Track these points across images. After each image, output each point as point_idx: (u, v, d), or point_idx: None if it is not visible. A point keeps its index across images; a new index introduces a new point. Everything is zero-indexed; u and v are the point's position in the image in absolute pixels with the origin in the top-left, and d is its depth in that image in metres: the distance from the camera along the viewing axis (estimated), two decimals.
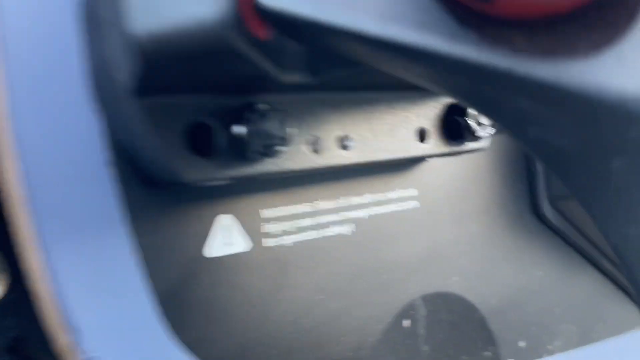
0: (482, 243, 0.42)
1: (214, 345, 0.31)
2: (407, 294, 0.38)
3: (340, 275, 0.35)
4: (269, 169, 0.27)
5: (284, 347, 0.33)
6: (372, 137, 0.31)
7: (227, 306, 0.31)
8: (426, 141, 0.33)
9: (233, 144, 0.26)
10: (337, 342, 0.35)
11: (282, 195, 0.33)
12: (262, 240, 0.32)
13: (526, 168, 0.45)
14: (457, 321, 0.41)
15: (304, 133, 0.29)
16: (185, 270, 0.30)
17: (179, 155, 0.25)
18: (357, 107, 0.31)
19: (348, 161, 0.30)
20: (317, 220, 0.34)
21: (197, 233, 0.30)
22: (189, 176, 0.25)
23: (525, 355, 0.45)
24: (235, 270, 0.31)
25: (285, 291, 0.33)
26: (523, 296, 0.44)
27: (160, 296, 0.29)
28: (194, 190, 0.30)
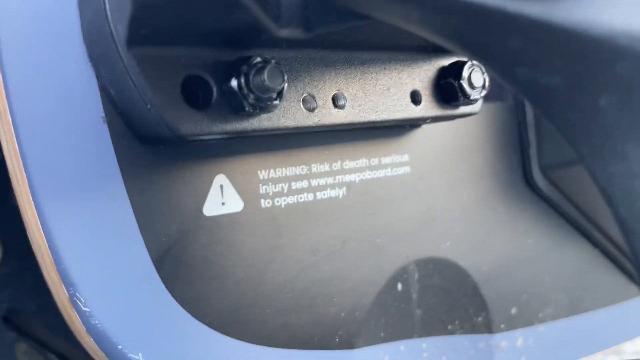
0: (474, 210, 0.42)
1: (209, 304, 0.31)
2: (400, 258, 0.38)
3: (333, 238, 0.35)
4: (264, 125, 0.27)
5: (277, 307, 0.33)
6: (366, 98, 0.31)
7: (222, 266, 0.31)
8: (419, 104, 0.33)
9: (228, 97, 0.26)
10: (330, 302, 0.35)
11: (278, 156, 0.33)
12: (260, 200, 0.33)
13: (518, 137, 0.45)
14: (449, 287, 0.41)
15: (299, 91, 0.29)
16: (183, 228, 0.30)
17: (175, 107, 0.25)
18: (352, 67, 0.31)
19: (342, 120, 0.30)
20: (312, 182, 0.35)
21: (196, 191, 0.31)
22: (185, 129, 0.25)
23: (517, 322, 0.46)
24: (231, 229, 0.32)
25: (280, 252, 0.33)
26: (514, 264, 0.45)
27: (157, 253, 0.29)
28: (193, 149, 0.31)
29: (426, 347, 0.41)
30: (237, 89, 0.25)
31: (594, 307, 0.51)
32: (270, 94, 0.25)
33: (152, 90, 0.24)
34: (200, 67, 0.26)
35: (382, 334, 0.38)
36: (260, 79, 0.25)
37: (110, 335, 0.29)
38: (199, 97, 0.26)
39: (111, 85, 0.27)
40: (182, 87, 0.25)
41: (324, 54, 0.30)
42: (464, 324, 0.43)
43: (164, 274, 0.30)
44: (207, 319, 0.31)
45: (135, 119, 0.27)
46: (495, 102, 0.44)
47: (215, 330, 0.31)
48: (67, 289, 0.28)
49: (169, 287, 0.30)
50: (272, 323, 0.33)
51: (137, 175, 0.29)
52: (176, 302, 0.30)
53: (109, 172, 0.28)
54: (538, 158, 0.45)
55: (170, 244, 0.30)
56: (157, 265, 0.29)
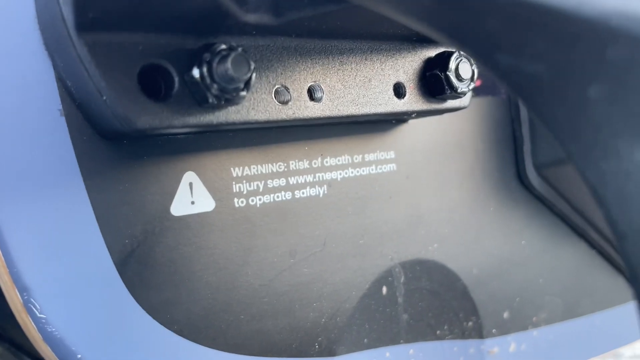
0: (464, 210, 0.40)
1: (177, 310, 0.29)
2: (384, 260, 0.36)
3: (313, 239, 0.33)
4: (231, 118, 0.25)
5: (253, 312, 0.31)
6: (344, 90, 0.29)
7: (192, 268, 0.30)
8: (403, 97, 0.32)
9: (191, 88, 0.24)
10: (310, 307, 0.33)
11: (254, 152, 0.31)
12: (233, 199, 0.31)
13: (511, 133, 0.43)
14: (438, 290, 0.40)
15: (271, 82, 0.27)
16: (149, 229, 0.28)
17: (131, 99, 0.23)
18: (329, 57, 0.29)
19: (319, 114, 0.28)
20: (290, 180, 0.33)
21: (163, 190, 0.29)
22: (142, 122, 0.23)
23: (509, 327, 0.44)
24: (202, 230, 0.30)
25: (254, 254, 0.31)
26: (506, 266, 0.43)
27: (120, 256, 0.27)
28: (159, 145, 0.29)
29: (413, 353, 0.39)
30: (200, 79, 0.23)
31: (591, 310, 0.49)
32: (235, 84, 0.23)
33: (106, 79, 0.22)
34: (161, 55, 0.24)
35: (365, 340, 0.36)
36: (224, 67, 0.23)
37: (69, 344, 0.27)
38: (161, 88, 0.24)
39: (67, 76, 0.25)
40: (140, 77, 0.23)
41: (298, 42, 0.28)
42: (453, 328, 0.41)
43: (127, 278, 0.28)
44: (175, 326, 0.29)
45: (92, 111, 0.25)
46: (486, 97, 0.42)
47: (184, 338, 0.29)
48: (21, 293, 0.26)
49: (133, 292, 0.28)
50: (246, 329, 0.31)
51: (98, 172, 0.27)
52: (141, 308, 0.28)
53: (66, 168, 0.27)
54: (532, 155, 0.43)
55: (134, 245, 0.28)
56: (119, 269, 0.27)
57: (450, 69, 0.31)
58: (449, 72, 0.31)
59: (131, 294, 0.28)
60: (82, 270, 0.27)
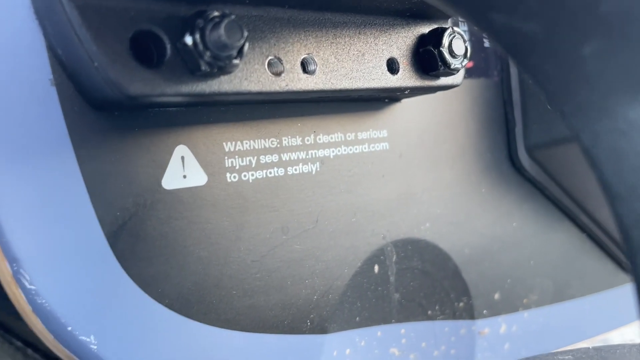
0: (455, 190, 0.40)
1: (168, 284, 0.29)
2: (377, 238, 0.36)
3: (305, 215, 0.33)
4: (224, 88, 0.25)
5: (245, 288, 0.31)
6: (337, 63, 0.29)
7: (184, 243, 0.29)
8: (397, 72, 0.31)
9: (184, 55, 0.24)
10: (302, 284, 0.33)
11: (246, 128, 0.31)
12: (225, 174, 0.31)
13: (503, 115, 0.43)
14: (429, 270, 0.40)
15: (264, 53, 0.27)
16: (141, 201, 0.28)
17: (123, 65, 0.23)
18: (323, 30, 0.29)
19: (312, 87, 0.28)
20: (282, 156, 0.32)
21: (155, 162, 0.28)
22: (134, 89, 0.23)
23: (501, 308, 0.44)
24: (194, 204, 0.30)
25: (247, 230, 0.31)
26: (498, 247, 0.43)
27: (111, 228, 0.27)
28: (151, 117, 0.28)
29: (405, 332, 0.39)
30: (192, 46, 0.23)
31: (581, 294, 0.50)
32: (228, 51, 0.23)
33: (97, 44, 0.22)
34: (153, 21, 0.23)
35: (357, 319, 0.36)
36: (217, 34, 0.23)
37: (59, 316, 0.26)
38: (153, 55, 0.24)
39: (58, 43, 0.25)
40: (132, 43, 0.23)
41: (292, 13, 0.28)
42: (444, 309, 0.41)
43: (118, 251, 0.27)
44: (166, 300, 0.29)
45: (84, 80, 0.25)
46: (478, 78, 0.42)
47: (175, 312, 0.29)
48: (11, 264, 0.26)
49: (124, 265, 0.28)
50: (238, 305, 0.31)
51: (89, 143, 0.27)
52: (132, 281, 0.28)
53: (57, 139, 0.26)
54: (524, 137, 0.43)
55: (126, 218, 0.28)
56: (110, 241, 0.27)
57: (444, 45, 0.31)
58: (443, 48, 0.31)
59: (122, 266, 0.28)
60: (73, 242, 0.27)
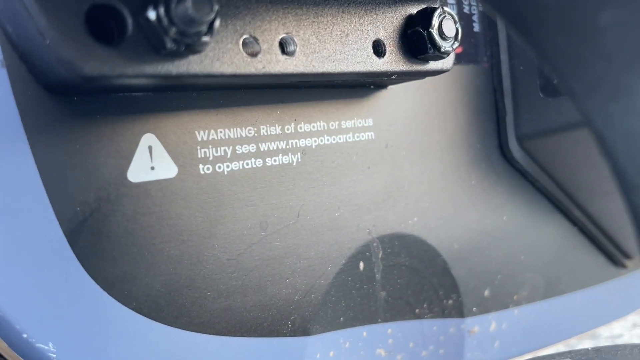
0: (444, 182, 0.38)
1: (135, 285, 0.26)
2: (362, 234, 0.34)
3: (286, 210, 0.31)
4: (193, 69, 0.23)
5: (220, 288, 0.29)
6: (319, 44, 0.27)
7: (152, 240, 0.27)
8: (383, 55, 0.29)
9: (147, 31, 0.21)
10: (282, 283, 0.31)
11: (221, 115, 0.29)
12: (197, 166, 0.28)
13: (494, 104, 0.41)
14: (417, 266, 0.38)
15: (238, 31, 0.24)
16: (104, 195, 0.26)
17: (78, 41, 0.20)
18: (304, 7, 0.26)
19: (291, 69, 0.26)
20: (260, 146, 0.30)
21: (119, 153, 0.26)
22: (91, 68, 0.20)
23: (491, 305, 0.42)
24: (163, 198, 0.27)
25: (222, 226, 0.29)
26: (487, 242, 0.41)
27: (71, 224, 0.25)
28: (115, 103, 0.26)
29: (391, 332, 0.37)
30: (156, 21, 0.20)
31: (571, 289, 0.48)
32: (197, 27, 0.21)
33: (48, 18, 0.20)
34: None
35: (341, 319, 0.34)
36: (184, 7, 0.20)
37: (13, 322, 0.24)
38: (113, 32, 0.22)
39: (6, 19, 0.23)
40: (88, 18, 0.21)
41: None
42: (433, 307, 0.39)
43: (79, 250, 0.25)
44: (133, 303, 0.26)
45: (36, 60, 0.23)
46: (468, 65, 0.40)
47: (143, 316, 0.27)
48: None
49: (86, 265, 0.25)
50: (212, 307, 0.29)
51: (45, 131, 0.24)
52: (95, 283, 0.25)
53: (8, 125, 0.24)
54: (514, 127, 0.41)
55: (87, 214, 0.25)
56: (70, 239, 0.25)
57: (434, 26, 0.29)
58: (432, 29, 0.29)
59: (83, 266, 0.25)
60: (28, 240, 0.24)
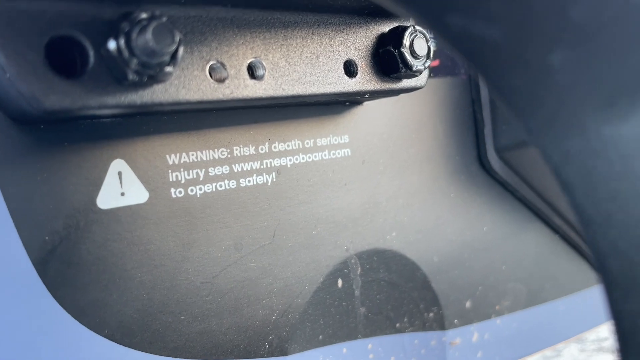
0: (423, 196, 0.38)
1: (107, 311, 0.26)
2: (339, 251, 0.34)
3: (261, 230, 0.31)
4: (157, 98, 0.23)
5: (194, 312, 0.29)
6: (288, 67, 0.27)
7: (124, 266, 0.27)
8: (355, 75, 0.29)
9: (108, 62, 0.21)
10: (259, 304, 0.31)
11: (192, 138, 0.29)
12: (169, 190, 0.28)
13: (472, 115, 0.41)
14: (396, 281, 0.38)
15: (204, 57, 0.24)
16: (73, 223, 0.25)
17: (38, 75, 0.20)
18: (272, 31, 0.26)
19: (260, 93, 0.26)
20: (234, 167, 0.30)
21: (87, 180, 0.26)
22: (52, 102, 0.20)
23: (472, 316, 0.42)
24: (134, 224, 0.27)
25: (195, 249, 0.29)
26: (468, 254, 0.41)
27: (39, 254, 0.24)
28: (82, 130, 0.26)
29: (372, 347, 0.37)
30: (117, 53, 0.20)
31: (554, 296, 0.48)
32: (158, 58, 0.20)
33: (6, 54, 0.19)
34: (72, 25, 0.21)
35: (320, 337, 0.34)
36: (144, 39, 0.20)
37: None
38: (76, 64, 0.21)
39: None
40: (49, 51, 0.20)
41: (236, 13, 0.25)
42: (413, 320, 0.39)
43: (48, 278, 0.25)
44: (105, 330, 0.26)
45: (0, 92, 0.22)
46: (445, 77, 0.40)
47: (116, 343, 0.27)
48: None
49: (56, 294, 0.25)
50: (187, 331, 0.29)
51: (10, 161, 0.24)
52: (65, 312, 0.25)
53: None
54: (493, 138, 0.41)
55: (56, 242, 0.25)
56: (39, 268, 0.25)
57: (405, 45, 0.29)
58: (403, 48, 0.29)
59: (53, 296, 0.25)
60: None
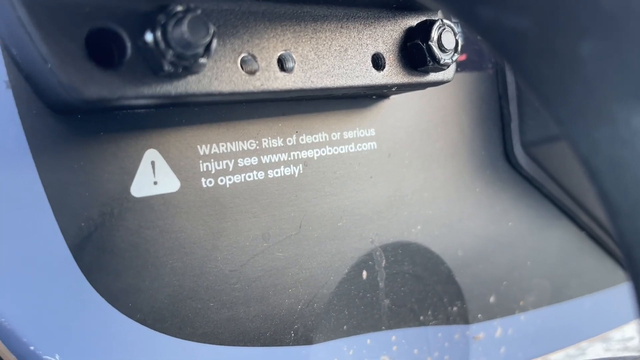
0: (448, 190, 0.39)
1: (140, 297, 0.27)
2: (364, 243, 0.35)
3: (288, 221, 0.32)
4: (191, 89, 0.23)
5: (223, 299, 0.29)
6: (318, 60, 0.27)
7: (156, 253, 0.28)
8: (383, 68, 0.29)
9: (145, 54, 0.22)
10: (285, 293, 0.31)
11: (222, 129, 0.29)
12: (200, 180, 0.29)
13: (499, 110, 0.41)
14: (421, 274, 0.38)
15: (236, 50, 0.25)
16: (107, 210, 0.26)
17: (77, 66, 0.21)
18: (302, 24, 0.27)
19: (290, 86, 0.26)
20: (262, 159, 0.31)
21: (122, 169, 0.27)
22: (90, 92, 0.21)
23: (496, 311, 0.42)
24: (167, 212, 0.28)
25: (224, 238, 0.29)
26: (493, 248, 0.41)
27: (76, 240, 0.25)
28: (118, 120, 0.26)
29: (395, 339, 0.37)
30: (153, 44, 0.21)
31: (580, 294, 0.48)
32: (193, 50, 0.21)
33: (49, 44, 0.20)
34: (111, 17, 0.21)
35: (345, 327, 0.35)
36: (180, 31, 0.21)
37: (21, 335, 0.25)
38: (114, 54, 0.22)
39: (11, 43, 0.23)
40: (89, 42, 0.21)
41: (267, 7, 0.26)
42: (437, 314, 0.39)
43: (84, 264, 0.26)
44: (137, 315, 0.27)
45: (40, 82, 0.23)
46: (472, 72, 0.40)
47: (148, 327, 0.27)
48: None
49: (91, 279, 0.26)
50: (216, 318, 0.29)
51: (49, 149, 0.25)
52: (100, 296, 0.26)
53: (15, 145, 0.24)
54: (520, 133, 0.41)
55: (92, 229, 0.26)
56: (75, 254, 0.25)
57: (433, 39, 0.29)
58: (431, 42, 0.29)
59: (88, 280, 0.26)
60: (35, 256, 0.25)
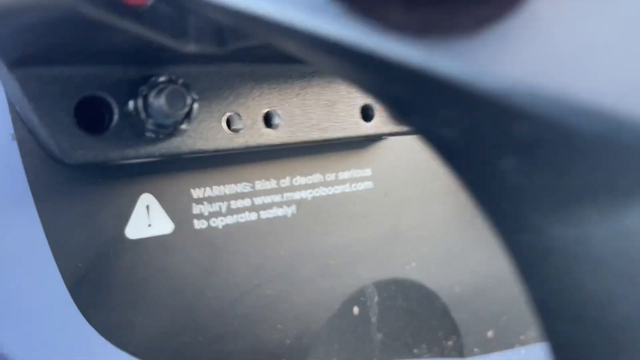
0: (447, 227, 0.39)
1: (133, 331, 0.29)
2: (356, 280, 0.36)
3: (278, 259, 0.33)
4: (174, 149, 0.25)
5: (213, 334, 0.31)
6: (305, 115, 0.28)
7: (150, 291, 0.29)
8: (371, 119, 0.30)
9: (130, 119, 0.23)
10: (274, 329, 0.33)
11: (216, 173, 0.31)
12: (193, 221, 0.30)
13: None
14: (415, 309, 0.39)
15: (221, 110, 0.26)
16: (104, 251, 0.28)
17: (66, 133, 0.23)
18: (289, 82, 0.28)
19: (275, 141, 0.27)
20: (255, 201, 0.32)
21: (118, 213, 0.28)
22: (78, 157, 0.23)
23: (494, 345, 0.42)
24: (160, 253, 0.30)
25: (216, 276, 0.31)
26: (492, 284, 0.42)
27: (73, 279, 0.27)
28: (115, 168, 0.28)
29: None
30: (135, 113, 0.23)
31: None
32: (172, 119, 0.23)
33: (39, 115, 0.22)
34: (100, 86, 0.23)
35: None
36: (159, 102, 0.22)
37: None
38: (104, 117, 0.24)
39: (15, 101, 0.25)
40: (79, 109, 0.23)
41: (254, 68, 0.27)
42: (432, 347, 0.40)
43: (80, 301, 0.28)
44: (130, 348, 0.29)
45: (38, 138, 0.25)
46: None
47: (139, 359, 0.29)
48: None
49: (87, 315, 0.28)
50: (205, 351, 0.31)
51: (50, 196, 0.27)
52: (94, 330, 0.28)
53: (18, 192, 0.27)
54: None
55: (88, 268, 0.28)
56: (72, 291, 0.28)
57: None
58: None
59: (84, 316, 0.28)
60: (34, 294, 0.27)
